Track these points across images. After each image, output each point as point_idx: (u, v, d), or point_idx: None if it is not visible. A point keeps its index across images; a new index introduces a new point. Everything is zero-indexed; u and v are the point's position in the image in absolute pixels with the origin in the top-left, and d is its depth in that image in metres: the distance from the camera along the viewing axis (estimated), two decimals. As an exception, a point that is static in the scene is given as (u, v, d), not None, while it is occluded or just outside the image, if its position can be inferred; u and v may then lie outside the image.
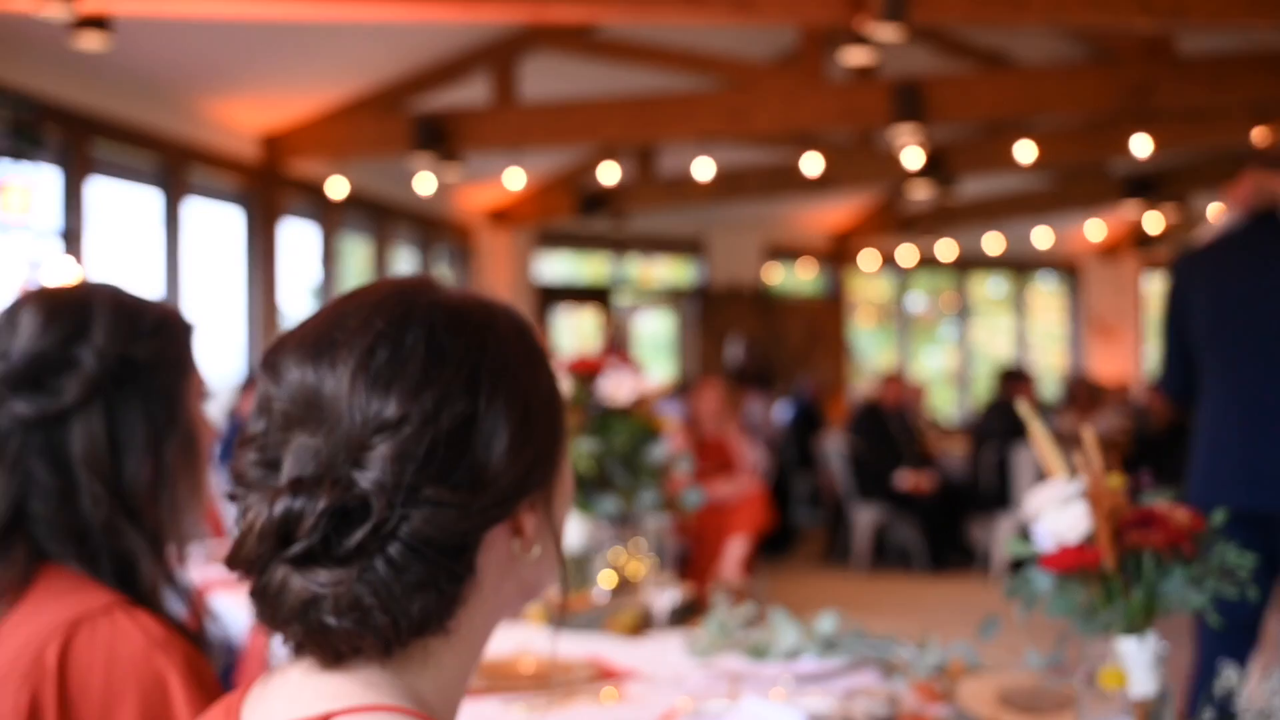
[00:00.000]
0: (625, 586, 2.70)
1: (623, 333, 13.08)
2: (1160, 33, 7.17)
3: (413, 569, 0.87)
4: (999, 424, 8.71)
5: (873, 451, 8.78)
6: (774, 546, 9.52)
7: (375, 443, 0.87)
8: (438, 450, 0.88)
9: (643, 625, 2.57)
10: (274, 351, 0.94)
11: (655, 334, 14.27)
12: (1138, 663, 1.52)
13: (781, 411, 11.49)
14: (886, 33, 5.54)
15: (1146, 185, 11.25)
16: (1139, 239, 15.01)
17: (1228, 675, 1.72)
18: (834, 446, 9.20)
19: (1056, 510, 1.58)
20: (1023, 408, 1.73)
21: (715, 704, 1.92)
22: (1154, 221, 13.99)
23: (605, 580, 2.72)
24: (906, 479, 8.67)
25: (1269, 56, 7.56)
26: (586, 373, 2.72)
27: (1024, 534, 1.74)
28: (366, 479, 0.87)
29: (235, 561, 0.90)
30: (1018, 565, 1.78)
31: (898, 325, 15.66)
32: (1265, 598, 3.36)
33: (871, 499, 8.78)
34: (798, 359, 13.94)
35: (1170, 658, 1.59)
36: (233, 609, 2.89)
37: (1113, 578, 1.52)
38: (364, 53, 7.82)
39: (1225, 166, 10.31)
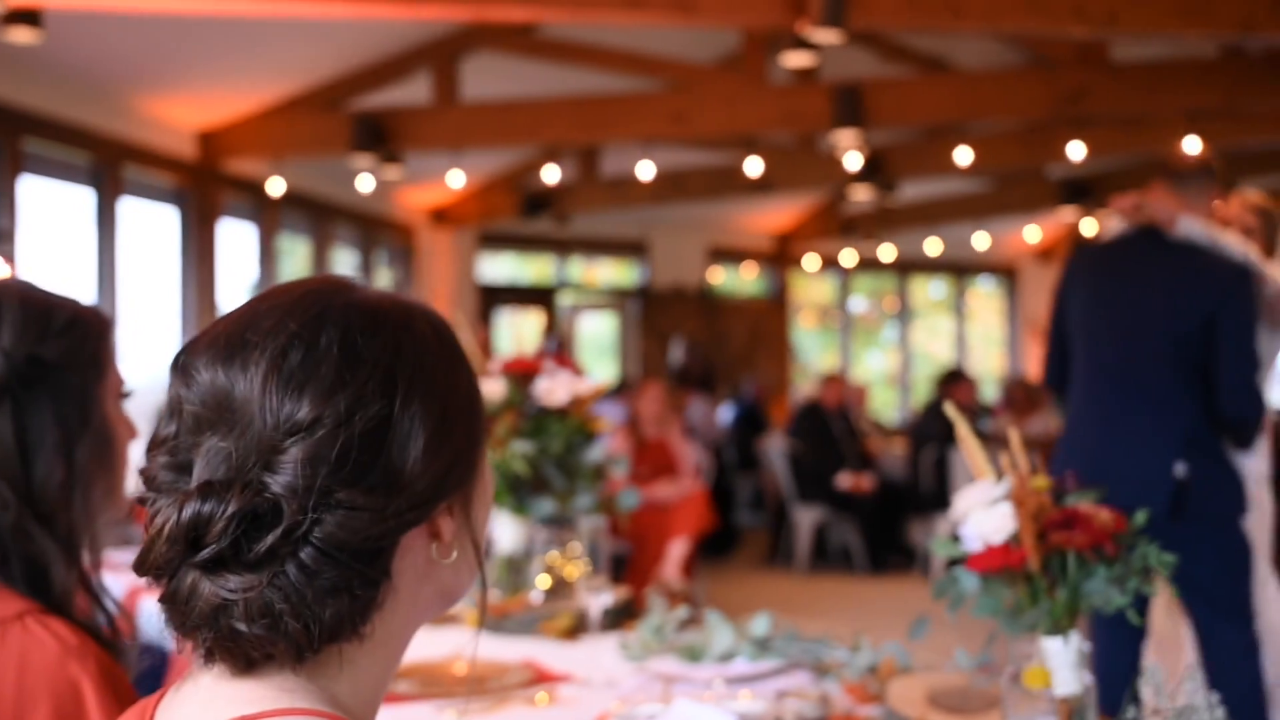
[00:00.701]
0: (561, 589, 2.68)
1: (567, 334, 13.07)
2: (1095, 40, 7.27)
3: (325, 574, 0.86)
4: (937, 426, 8.79)
5: (813, 453, 8.83)
6: (716, 548, 9.55)
7: (287, 445, 0.86)
8: (351, 453, 0.86)
9: (578, 628, 2.56)
10: (185, 353, 0.92)
11: (598, 335, 14.27)
12: (1062, 662, 1.54)
13: (724, 413, 11.53)
14: (826, 37, 5.58)
15: (1083, 190, 11.41)
16: (1076, 243, 15.24)
17: (1151, 673, 1.74)
18: (776, 448, 9.23)
19: (983, 512, 1.59)
20: (950, 410, 1.74)
21: (647, 707, 1.92)
22: (1090, 226, 14.20)
23: (541, 583, 2.71)
24: (846, 480, 8.72)
25: (1200, 64, 7.70)
26: (522, 373, 2.70)
27: (956, 535, 1.75)
28: (278, 482, 0.85)
29: (143, 567, 0.88)
30: (954, 566, 1.80)
31: (840, 327, 15.77)
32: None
33: (812, 500, 8.83)
34: (740, 360, 14.00)
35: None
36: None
37: (1037, 578, 1.54)
38: (303, 50, 7.74)
39: (1159, 172, 10.51)
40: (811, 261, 14.82)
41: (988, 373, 16.47)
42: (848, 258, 14.92)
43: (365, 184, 9.26)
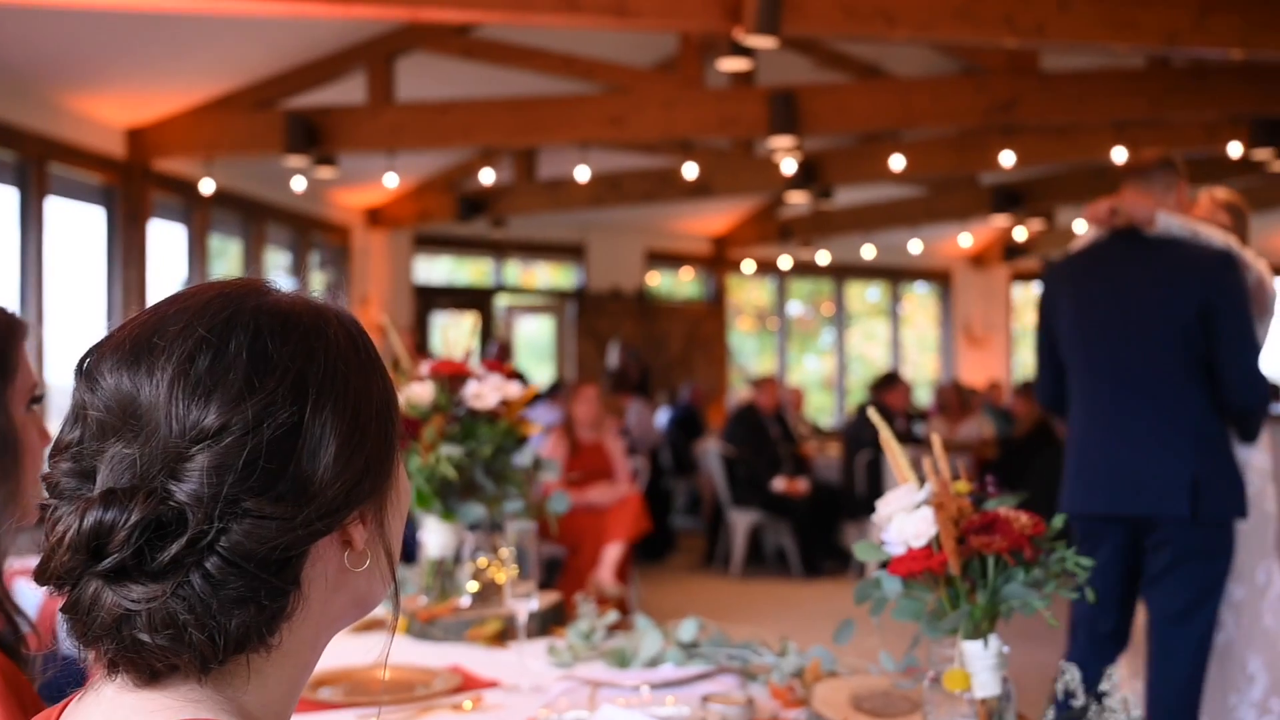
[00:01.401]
0: (490, 595, 2.67)
1: (504, 337, 13.01)
2: (1025, 50, 7.38)
3: (231, 584, 0.84)
4: (871, 430, 8.85)
5: (749, 456, 8.87)
6: (652, 552, 9.55)
7: (193, 453, 0.84)
8: (259, 461, 0.85)
9: (507, 634, 2.55)
10: (90, 357, 0.90)
11: (534, 338, 14.23)
12: (981, 664, 1.55)
13: (661, 416, 11.55)
14: (762, 42, 5.61)
15: (1014, 197, 11.57)
16: (1008, 249, 15.47)
17: (1070, 676, 1.76)
18: (712, 452, 9.26)
19: (905, 516, 1.60)
20: (873, 414, 1.75)
21: (573, 713, 1.91)
22: (1021, 233, 14.43)
23: (470, 588, 2.69)
24: (781, 484, 8.76)
25: (1128, 75, 7.84)
26: (451, 376, 2.69)
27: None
28: (183, 490, 0.83)
29: (44, 575, 0.86)
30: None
31: (777, 331, 15.86)
32: (1135, 595, 3.46)
33: (747, 504, 8.86)
34: (678, 364, 14.04)
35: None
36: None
37: (957, 582, 1.55)
38: (236, 48, 7.64)
39: (1088, 180, 10.69)
40: (749, 266, 14.90)
41: (923, 377, 16.65)
42: (785, 262, 15.02)
43: (299, 184, 9.16)
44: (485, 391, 2.65)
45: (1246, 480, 3.36)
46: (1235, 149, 8.58)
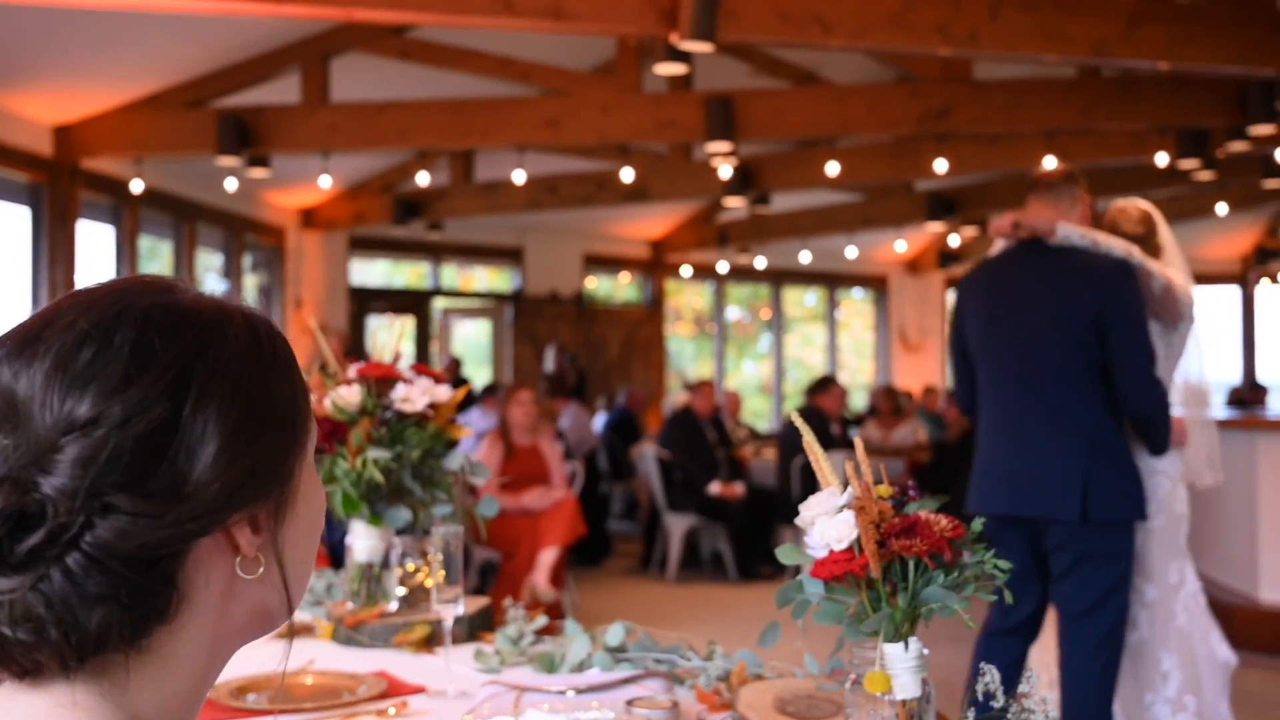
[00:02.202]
0: (418, 599, 2.64)
1: (441, 339, 12.94)
2: (959, 59, 7.47)
3: (93, 580, 0.81)
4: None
5: (684, 461, 8.88)
6: (589, 557, 9.54)
7: (63, 444, 0.82)
8: (126, 455, 0.82)
9: (434, 639, 2.53)
10: None
11: (472, 341, 14.17)
12: (902, 666, 1.56)
13: (598, 420, 11.54)
14: (697, 48, 5.63)
15: (949, 204, 11.71)
16: (943, 256, 15.64)
17: (989, 678, 1.78)
18: (649, 456, 9.26)
19: (827, 519, 1.61)
20: (796, 419, 1.76)
21: (498, 719, 1.90)
22: (956, 239, 14.61)
23: (398, 593, 2.67)
24: (717, 488, 8.78)
25: (1059, 85, 7.96)
26: (379, 379, 2.66)
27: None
28: (49, 483, 0.81)
29: None
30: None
31: (715, 335, 15.91)
32: (1042, 596, 3.53)
33: (684, 508, 8.87)
34: (616, 368, 14.04)
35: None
36: None
37: (878, 584, 1.56)
38: (167, 46, 7.53)
39: (1021, 188, 10.84)
40: (687, 270, 14.94)
41: (860, 382, 16.79)
42: (722, 267, 15.08)
43: (231, 184, 9.05)
44: (414, 395, 2.62)
45: (1155, 483, 3.45)
46: (1162, 159, 8.74)
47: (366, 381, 2.63)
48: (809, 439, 1.67)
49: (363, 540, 2.73)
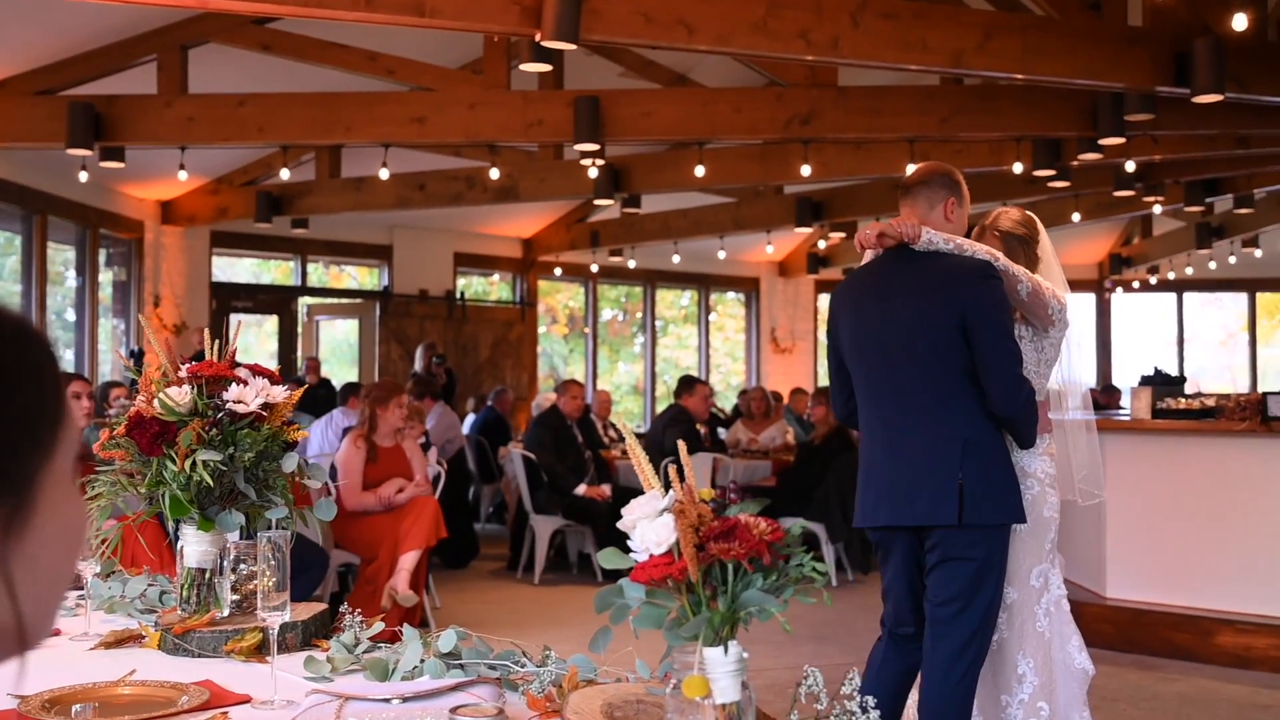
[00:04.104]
0: (251, 606, 2.57)
1: (307, 338, 12.68)
2: (825, 65, 7.57)
3: None
4: (673, 435, 8.94)
5: (551, 462, 8.83)
6: (456, 559, 9.43)
7: None
8: None
9: (267, 646, 2.45)
10: None
11: (340, 341, 13.92)
12: (722, 670, 1.55)
13: (468, 422, 11.42)
14: (561, 47, 5.60)
15: (817, 209, 11.87)
16: (812, 259, 15.87)
17: (812, 680, 1.79)
18: (517, 457, 9.19)
19: (648, 523, 1.59)
20: (618, 422, 1.74)
21: (316, 728, 1.85)
22: (823, 243, 14.83)
23: (230, 600, 2.59)
24: (584, 489, 8.75)
25: (920, 93, 8.12)
26: (212, 379, 2.57)
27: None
28: None
29: None
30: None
31: (588, 336, 15.90)
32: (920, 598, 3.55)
33: (551, 510, 8.82)
34: (487, 368, 13.92)
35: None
36: None
37: (698, 588, 1.55)
38: (16, 30, 7.25)
39: (887, 193, 11.05)
40: (560, 270, 14.90)
41: (732, 383, 16.94)
42: (596, 268, 15.07)
43: (84, 175, 8.74)
44: (247, 395, 2.54)
45: (1025, 486, 3.47)
46: (1019, 168, 8.98)
47: (198, 381, 2.55)
48: (631, 441, 1.66)
49: (193, 545, 2.64)
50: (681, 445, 1.77)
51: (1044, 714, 3.48)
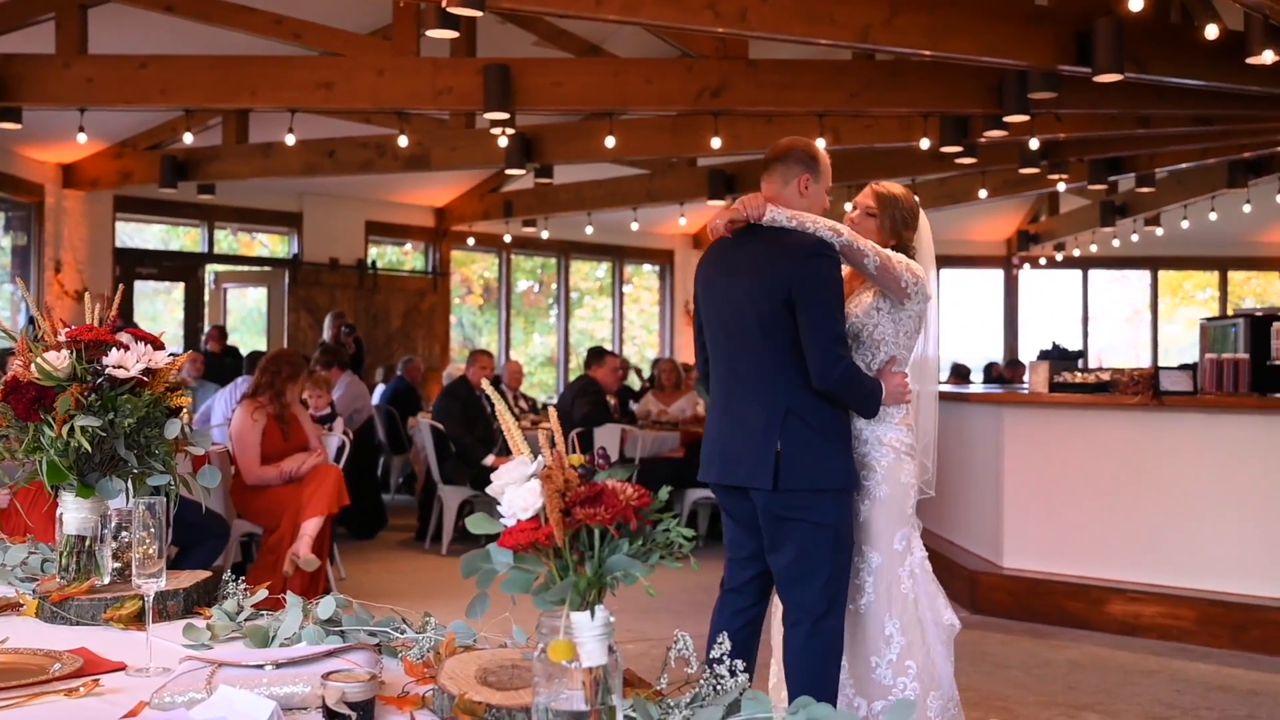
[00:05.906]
0: (131, 574, 2.53)
1: (216, 307, 12.47)
2: (736, 38, 7.58)
3: None
4: (582, 406, 8.96)
5: (460, 433, 8.80)
6: (364, 530, 9.37)
7: None
8: None
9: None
10: None
11: (248, 309, 13.70)
12: (589, 634, 1.57)
13: (378, 392, 11.33)
14: (467, 13, 5.55)
15: (729, 181, 11.92)
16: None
17: (682, 644, 1.82)
18: (425, 427, 9.14)
19: (515, 488, 1.60)
20: (487, 387, 1.74)
21: (186, 696, 1.83)
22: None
23: (110, 567, 2.55)
24: (491, 460, 8.73)
25: (830, 67, 8.18)
26: (91, 344, 2.53)
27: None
28: None
29: None
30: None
31: (501, 306, 15.83)
32: (759, 556, 3.66)
33: (459, 481, 8.79)
34: (399, 338, 13.81)
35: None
36: None
37: (565, 553, 1.56)
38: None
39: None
40: (473, 240, 14.80)
41: (646, 354, 16.97)
42: (510, 238, 14.99)
43: (-23, 137, 8.50)
44: (127, 361, 2.50)
45: (879, 454, 3.59)
46: (926, 144, 9.09)
47: (76, 346, 2.50)
48: (501, 408, 1.66)
49: (73, 512, 2.60)
50: (551, 411, 1.78)
51: (911, 671, 3.60)
